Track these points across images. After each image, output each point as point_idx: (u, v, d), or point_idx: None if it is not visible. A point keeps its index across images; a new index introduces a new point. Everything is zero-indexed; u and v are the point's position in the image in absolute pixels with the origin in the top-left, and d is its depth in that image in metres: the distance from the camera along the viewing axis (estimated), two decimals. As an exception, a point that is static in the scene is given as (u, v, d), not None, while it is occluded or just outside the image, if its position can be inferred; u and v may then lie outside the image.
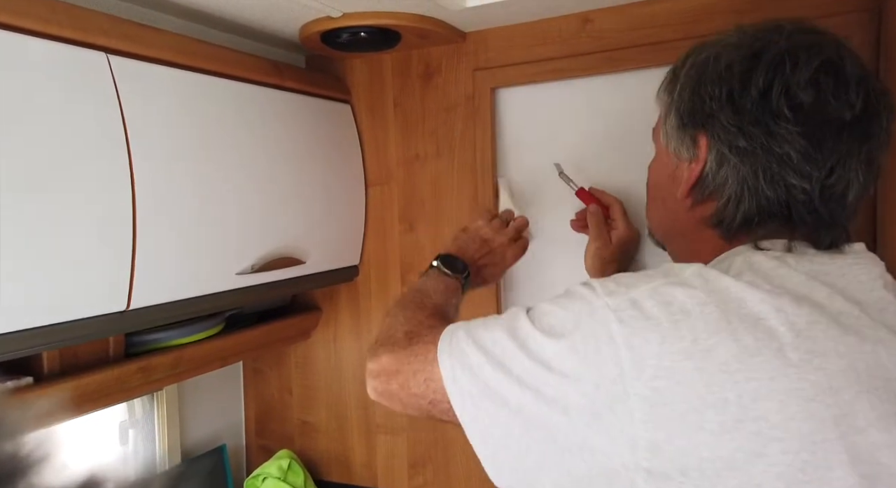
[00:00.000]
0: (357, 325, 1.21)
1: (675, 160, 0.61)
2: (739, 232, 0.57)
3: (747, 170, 0.55)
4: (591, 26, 0.99)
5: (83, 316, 0.67)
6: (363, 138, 1.17)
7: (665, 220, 0.66)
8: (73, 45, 0.66)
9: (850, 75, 0.54)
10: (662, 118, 0.64)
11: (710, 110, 0.56)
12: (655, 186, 0.68)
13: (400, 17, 0.94)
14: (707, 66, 0.58)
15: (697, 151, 0.58)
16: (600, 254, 0.92)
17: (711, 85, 0.57)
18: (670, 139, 0.61)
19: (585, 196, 0.97)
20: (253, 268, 0.90)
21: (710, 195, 0.58)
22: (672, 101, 0.61)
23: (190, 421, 1.18)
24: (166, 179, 0.75)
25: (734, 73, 0.55)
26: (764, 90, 0.54)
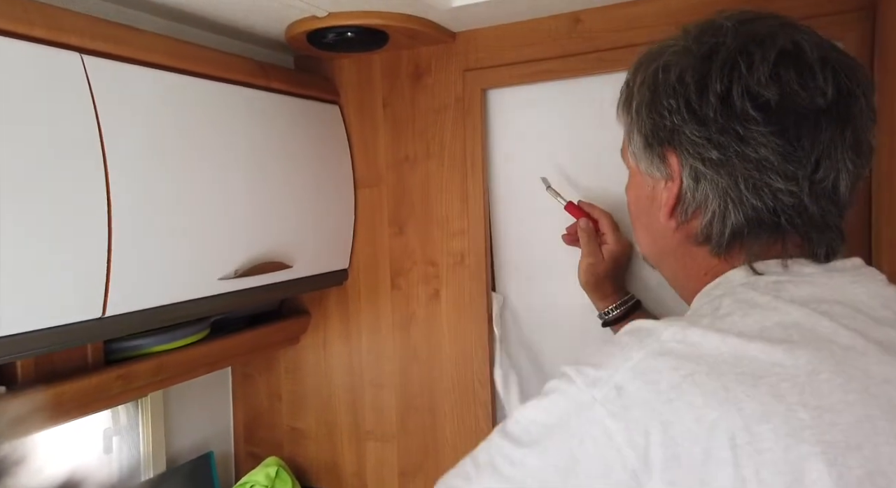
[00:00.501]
0: (346, 330, 1.19)
1: (650, 180, 0.58)
2: (730, 246, 0.54)
3: (727, 182, 0.52)
4: (582, 26, 0.97)
5: (56, 324, 0.65)
6: (352, 139, 1.16)
7: (653, 244, 0.63)
8: (45, 45, 0.64)
9: (813, 60, 0.50)
10: (626, 139, 0.61)
11: (673, 125, 0.53)
12: (637, 210, 0.64)
13: (386, 16, 0.92)
14: (658, 78, 0.55)
15: (670, 170, 0.55)
16: (594, 270, 0.90)
17: (667, 98, 0.53)
18: (640, 160, 0.58)
19: (574, 210, 0.95)
20: (236, 273, 0.88)
21: (694, 213, 0.55)
22: (632, 120, 0.58)
23: (176, 428, 1.16)
24: (144, 182, 0.74)
25: (687, 82, 0.52)
26: (723, 95, 0.50)
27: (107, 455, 1.07)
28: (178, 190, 0.79)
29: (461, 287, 1.09)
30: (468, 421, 1.09)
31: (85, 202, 0.67)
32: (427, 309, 1.12)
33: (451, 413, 1.11)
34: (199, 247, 0.82)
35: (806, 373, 0.43)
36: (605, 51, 0.95)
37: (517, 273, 1.08)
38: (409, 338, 1.14)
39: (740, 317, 0.48)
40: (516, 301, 1.08)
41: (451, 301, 1.10)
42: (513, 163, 1.07)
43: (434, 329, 1.12)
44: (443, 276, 1.10)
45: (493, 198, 1.09)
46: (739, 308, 0.49)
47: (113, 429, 1.08)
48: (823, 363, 0.44)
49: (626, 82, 0.61)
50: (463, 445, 1.10)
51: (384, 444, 1.17)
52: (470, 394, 1.09)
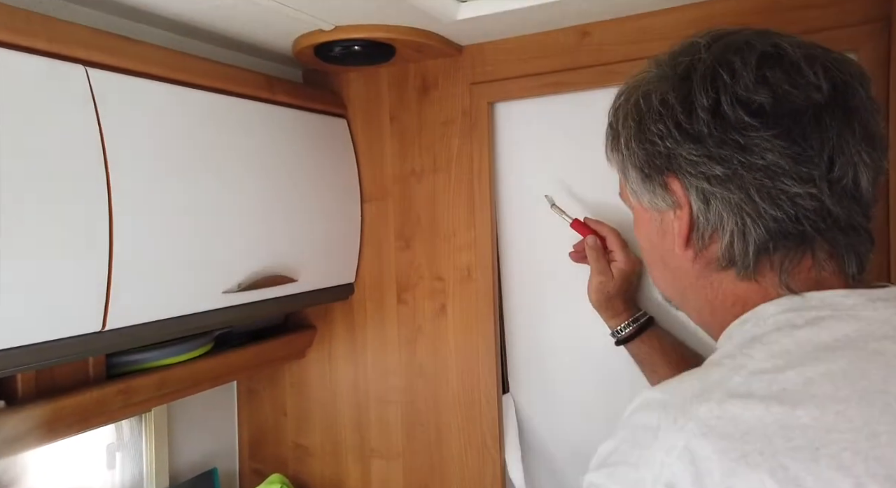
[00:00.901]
0: (352, 344, 1.18)
1: (657, 215, 0.56)
2: (758, 264, 0.50)
3: (739, 197, 0.49)
4: (590, 39, 0.96)
5: (55, 337, 0.65)
6: (359, 153, 1.15)
7: (673, 281, 0.58)
8: (49, 58, 0.64)
9: (797, 58, 0.48)
10: (622, 178, 0.59)
11: (667, 150, 0.51)
12: (650, 249, 0.60)
13: (392, 30, 0.92)
14: (640, 108, 0.53)
15: (675, 197, 0.52)
16: (604, 288, 0.88)
17: (655, 124, 0.51)
18: (641, 195, 0.56)
19: (581, 227, 0.93)
20: (240, 287, 0.87)
21: (711, 236, 0.51)
22: (623, 157, 0.56)
23: (180, 444, 1.15)
24: (146, 195, 0.73)
25: (671, 104, 0.50)
26: (712, 108, 0.48)
27: (109, 470, 1.06)
28: (181, 202, 0.78)
29: (468, 302, 1.07)
30: (475, 439, 1.07)
31: (86, 214, 0.67)
32: (433, 324, 1.10)
33: (457, 430, 1.09)
34: (203, 260, 0.82)
35: (865, 438, 0.39)
36: (614, 64, 0.94)
37: (525, 288, 1.06)
38: (415, 353, 1.12)
39: (778, 372, 0.42)
40: (523, 317, 1.07)
41: (457, 316, 1.08)
42: (520, 176, 1.06)
43: (441, 344, 1.10)
44: (449, 291, 1.09)
45: (501, 212, 1.07)
46: (775, 359, 0.44)
47: (116, 444, 1.07)
48: (880, 421, 0.39)
49: (609, 124, 0.59)
50: (470, 464, 1.07)
51: (389, 462, 1.15)
52: (477, 412, 1.07)
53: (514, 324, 1.08)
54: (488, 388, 1.06)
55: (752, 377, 0.43)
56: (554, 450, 1.06)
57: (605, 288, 0.88)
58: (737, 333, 0.50)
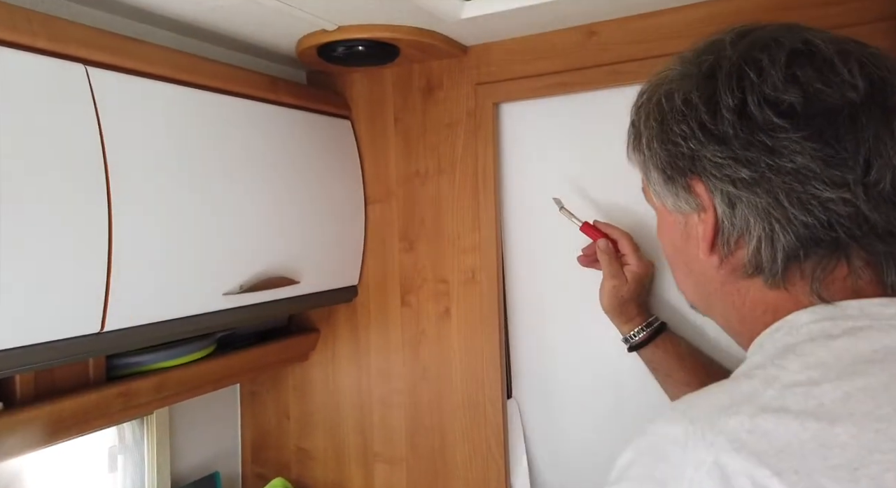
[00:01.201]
0: (356, 347, 1.17)
1: (680, 217, 0.53)
2: (788, 272, 0.47)
3: (766, 201, 0.46)
4: (597, 39, 0.95)
5: (53, 338, 0.64)
6: (363, 154, 1.14)
7: (698, 287, 0.56)
8: (48, 56, 0.63)
9: (830, 54, 0.45)
10: (644, 178, 0.56)
11: (691, 151, 0.48)
12: (673, 252, 0.58)
13: (396, 30, 0.91)
14: (663, 108, 0.51)
15: (699, 200, 0.50)
16: (617, 293, 0.86)
17: (678, 125, 0.49)
18: (664, 197, 0.53)
19: (591, 231, 0.90)
20: (241, 289, 0.86)
21: (737, 242, 0.49)
22: (645, 157, 0.54)
23: (182, 447, 1.14)
24: (146, 195, 0.72)
25: (695, 103, 0.48)
26: (738, 108, 0.46)
27: (111, 473, 1.06)
28: (182, 203, 0.77)
29: (472, 304, 1.06)
30: (479, 443, 1.06)
31: (85, 213, 0.66)
32: (437, 327, 1.09)
33: (461, 435, 1.07)
34: (203, 261, 0.81)
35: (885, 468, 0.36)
36: (621, 63, 0.93)
37: (530, 291, 1.05)
38: (418, 356, 1.11)
39: (814, 386, 0.40)
40: (528, 321, 1.05)
41: (462, 319, 1.07)
42: (526, 178, 1.04)
43: (444, 347, 1.09)
44: (454, 294, 1.08)
45: (505, 215, 1.06)
46: (810, 371, 0.41)
47: (118, 447, 1.06)
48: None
49: (631, 123, 0.57)
50: (474, 468, 1.06)
51: (392, 467, 1.14)
52: (481, 416, 1.05)
53: (519, 327, 1.06)
54: (493, 393, 1.04)
55: (785, 390, 0.41)
56: (560, 459, 1.04)
57: (619, 292, 0.86)
58: (768, 342, 0.48)
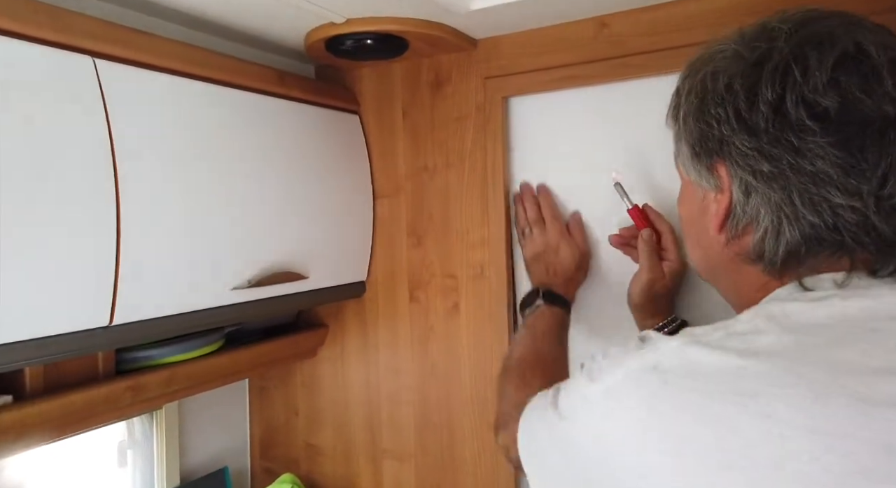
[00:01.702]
0: (364, 343, 1.16)
1: (699, 191, 0.55)
2: (786, 266, 0.50)
3: (780, 197, 0.48)
4: (608, 31, 0.94)
5: (62, 331, 0.64)
6: (371, 149, 1.14)
7: (704, 257, 0.59)
8: (56, 48, 0.63)
9: (879, 64, 0.46)
10: (675, 150, 0.58)
11: (721, 135, 0.50)
12: (689, 222, 0.61)
13: (405, 22, 0.90)
14: (706, 85, 0.52)
15: (719, 182, 0.52)
16: (651, 287, 0.84)
17: (715, 107, 0.50)
18: (689, 170, 0.56)
19: (639, 217, 0.87)
20: (250, 283, 0.86)
21: (745, 228, 0.51)
22: (679, 129, 0.56)
23: (192, 442, 1.14)
24: (155, 189, 0.72)
25: (736, 90, 0.49)
26: (775, 104, 0.47)
27: (121, 468, 1.06)
28: (190, 197, 0.77)
29: (481, 300, 1.05)
30: (488, 440, 1.05)
31: (93, 207, 0.66)
32: (446, 322, 1.08)
33: (470, 431, 1.07)
34: (212, 255, 0.81)
35: (814, 397, 0.40)
36: (633, 56, 0.91)
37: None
38: (427, 352, 1.10)
39: (755, 334, 0.44)
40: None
41: (470, 314, 1.06)
42: (535, 172, 1.03)
43: (453, 343, 1.08)
44: (462, 289, 1.07)
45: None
46: (758, 321, 0.46)
47: (127, 442, 1.06)
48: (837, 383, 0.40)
49: (676, 89, 0.58)
50: (482, 465, 1.05)
51: (401, 463, 1.13)
52: (490, 412, 1.04)
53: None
54: (502, 389, 1.03)
55: (729, 336, 0.45)
56: None
57: (654, 286, 0.84)
58: None
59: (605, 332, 0.97)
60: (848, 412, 0.38)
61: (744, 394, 0.41)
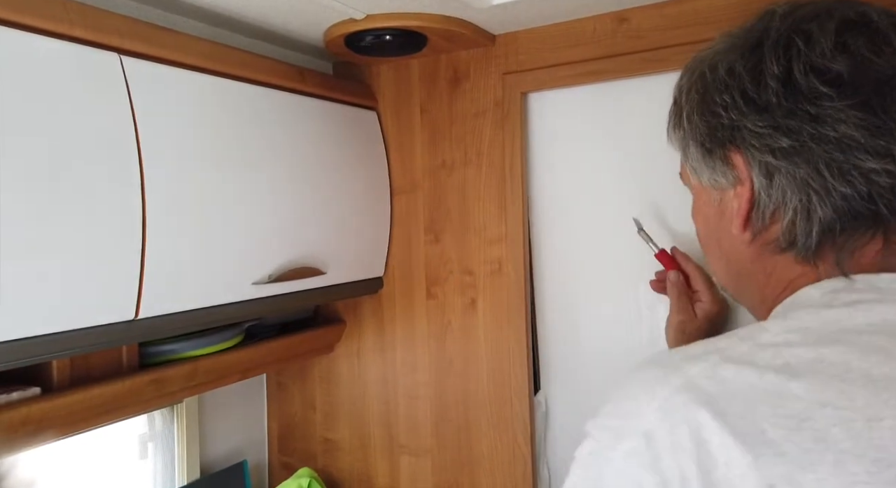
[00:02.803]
0: (381, 339, 1.17)
1: (716, 193, 0.52)
2: (821, 250, 0.46)
3: (806, 171, 0.45)
4: (628, 25, 0.93)
5: (89, 324, 0.65)
6: (389, 145, 1.14)
7: (728, 267, 0.55)
8: (83, 45, 0.64)
9: (883, 26, 0.45)
10: (683, 157, 0.56)
11: (731, 121, 0.48)
12: (707, 231, 0.57)
13: (425, 18, 0.90)
14: (706, 79, 0.50)
15: (737, 172, 0.49)
16: (683, 328, 0.81)
17: (719, 95, 0.49)
18: (701, 173, 0.53)
19: (666, 260, 0.85)
20: (270, 278, 0.87)
21: (773, 216, 0.48)
22: (685, 132, 0.53)
23: (211, 436, 1.16)
24: (179, 184, 0.73)
25: (739, 73, 0.47)
26: (783, 77, 0.45)
27: (142, 461, 1.07)
28: (213, 192, 0.78)
29: (499, 296, 1.05)
30: (505, 436, 1.05)
31: (120, 202, 0.67)
32: (463, 319, 1.09)
33: (487, 427, 1.07)
34: (234, 250, 0.81)
35: (865, 419, 0.37)
36: (653, 50, 0.91)
37: (558, 285, 1.04)
38: (444, 348, 1.10)
39: (787, 347, 0.41)
40: (556, 315, 1.04)
41: (488, 311, 1.06)
42: (554, 168, 1.03)
43: (470, 340, 1.08)
44: (480, 285, 1.07)
45: (533, 206, 1.05)
46: (789, 334, 0.42)
47: (148, 435, 1.08)
48: (888, 406, 0.37)
49: (673, 100, 0.56)
50: (500, 461, 1.05)
51: (418, 459, 1.14)
52: (507, 408, 1.04)
53: (547, 321, 1.05)
54: (520, 385, 1.03)
55: (757, 348, 0.42)
56: None
57: (685, 328, 0.81)
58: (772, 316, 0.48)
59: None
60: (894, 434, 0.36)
61: (793, 417, 0.37)
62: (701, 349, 0.44)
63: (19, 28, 0.60)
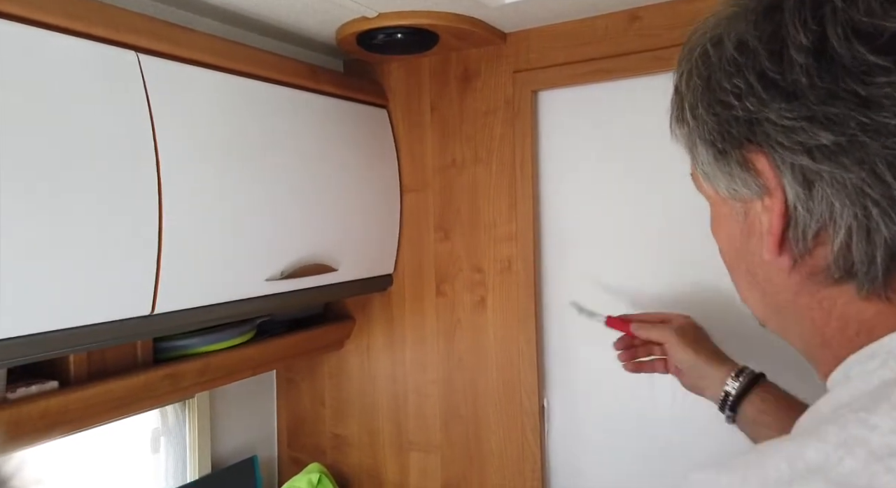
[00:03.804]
0: (390, 336, 1.17)
1: (737, 206, 0.40)
2: (890, 276, 0.34)
3: (860, 177, 0.33)
4: (640, 24, 0.93)
5: (106, 319, 0.66)
6: (399, 143, 1.15)
7: (766, 301, 0.42)
8: (102, 43, 0.65)
9: None
10: (692, 160, 0.43)
11: (747, 112, 0.36)
12: (731, 253, 0.44)
13: (436, 16, 0.91)
14: (709, 59, 0.38)
15: (762, 180, 0.37)
16: (686, 383, 0.74)
17: (729, 79, 0.36)
18: (716, 180, 0.40)
19: (618, 324, 0.81)
20: (282, 275, 0.88)
21: (817, 237, 0.36)
22: (689, 129, 0.41)
23: (222, 431, 1.17)
24: (195, 181, 0.74)
25: (752, 47, 0.35)
26: (814, 46, 0.33)
27: (154, 454, 1.08)
28: (228, 189, 0.79)
29: (508, 294, 1.05)
30: (514, 432, 1.05)
31: (137, 199, 0.68)
32: (473, 316, 1.09)
33: (496, 424, 1.07)
34: (247, 247, 0.82)
35: None
36: (665, 49, 0.91)
37: (565, 284, 1.04)
38: (453, 345, 1.11)
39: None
40: (560, 316, 1.04)
41: (497, 308, 1.07)
42: (564, 166, 1.03)
43: (480, 337, 1.08)
44: (489, 283, 1.07)
45: (543, 204, 1.05)
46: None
47: (161, 429, 1.09)
48: None
49: (674, 88, 0.44)
50: (509, 457, 1.06)
51: (427, 455, 1.14)
52: (516, 405, 1.05)
53: (552, 320, 1.05)
54: (529, 382, 1.04)
55: (873, 462, 0.29)
56: (579, 468, 1.03)
57: (686, 382, 0.74)
58: (857, 374, 0.35)
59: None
60: None
61: None
62: (786, 468, 0.30)
63: (39, 26, 0.60)
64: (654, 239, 0.96)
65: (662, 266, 0.94)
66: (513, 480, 1.06)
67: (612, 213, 0.99)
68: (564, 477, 1.05)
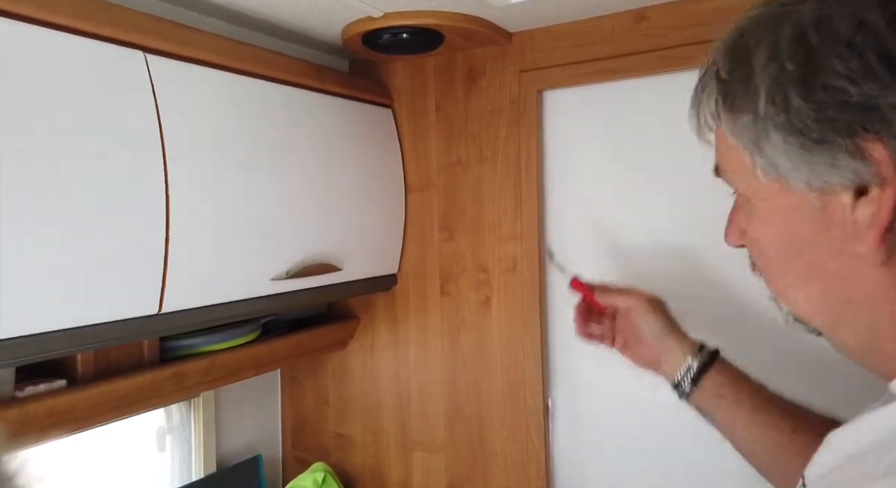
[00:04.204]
0: (394, 335, 1.17)
1: (813, 198, 0.39)
2: None
3: None
4: (647, 23, 0.93)
5: (114, 318, 0.66)
6: (404, 143, 1.15)
7: (830, 295, 0.41)
8: (109, 43, 0.65)
9: None
10: (749, 151, 0.40)
11: (863, 98, 0.35)
12: (785, 250, 0.43)
13: (442, 16, 0.91)
14: (808, 42, 0.37)
15: (875, 168, 0.35)
16: (635, 356, 0.73)
17: (844, 63, 0.35)
18: (788, 170, 0.39)
19: (583, 288, 0.77)
20: (288, 274, 0.88)
21: None
22: (755, 118, 0.39)
23: (226, 430, 1.17)
24: (201, 181, 0.74)
25: (873, 26, 0.35)
26: None
27: (160, 453, 1.09)
28: (233, 189, 0.79)
29: (513, 294, 1.05)
30: (518, 431, 1.05)
31: (144, 199, 0.68)
32: (477, 316, 1.09)
33: (500, 423, 1.07)
34: (253, 246, 0.83)
35: None
36: (671, 48, 0.91)
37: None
38: (457, 345, 1.11)
39: None
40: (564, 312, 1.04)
41: (502, 308, 1.07)
42: (569, 166, 1.03)
43: (484, 336, 1.08)
44: (494, 283, 1.07)
45: (548, 203, 1.05)
46: None
47: (166, 428, 1.09)
48: None
49: (714, 75, 0.42)
50: (513, 457, 1.06)
51: (431, 454, 1.14)
52: (521, 404, 1.05)
53: (556, 320, 1.05)
54: (533, 382, 1.04)
55: None
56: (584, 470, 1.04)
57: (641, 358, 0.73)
58: None
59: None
60: None
61: None
62: None
63: (46, 26, 0.61)
64: (659, 238, 0.96)
65: (668, 265, 0.94)
66: (517, 480, 1.06)
67: (618, 213, 0.99)
68: (569, 477, 1.05)
